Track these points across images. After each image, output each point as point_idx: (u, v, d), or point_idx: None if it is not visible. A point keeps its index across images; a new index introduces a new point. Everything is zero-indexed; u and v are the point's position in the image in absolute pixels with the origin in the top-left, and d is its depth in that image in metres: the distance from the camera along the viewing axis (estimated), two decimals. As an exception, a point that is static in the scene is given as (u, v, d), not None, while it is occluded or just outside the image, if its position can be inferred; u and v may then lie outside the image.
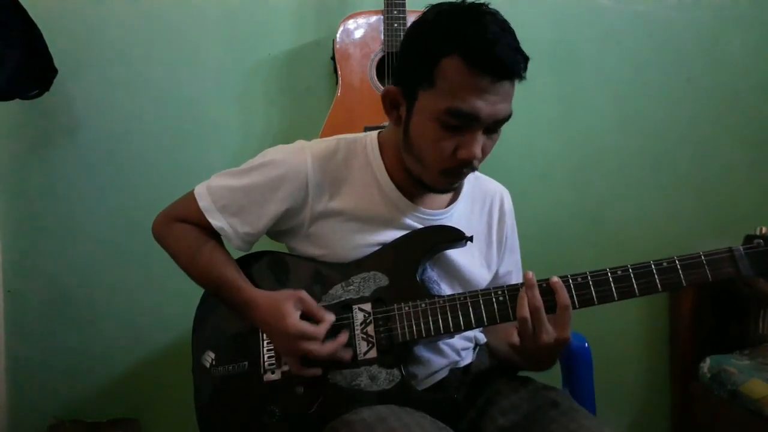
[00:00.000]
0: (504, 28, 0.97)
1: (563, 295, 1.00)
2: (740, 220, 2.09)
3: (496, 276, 1.25)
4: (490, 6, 1.00)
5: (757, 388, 1.66)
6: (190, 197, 1.14)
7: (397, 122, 1.06)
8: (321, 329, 1.03)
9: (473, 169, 1.03)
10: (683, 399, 2.02)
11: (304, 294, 1.06)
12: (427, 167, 1.04)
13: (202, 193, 1.13)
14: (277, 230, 1.15)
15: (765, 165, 2.15)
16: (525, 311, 0.99)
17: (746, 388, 1.68)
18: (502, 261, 1.25)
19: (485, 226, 1.22)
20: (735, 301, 1.99)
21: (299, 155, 1.10)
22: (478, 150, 0.99)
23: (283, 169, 1.09)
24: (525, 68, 0.98)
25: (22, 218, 1.89)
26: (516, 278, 1.29)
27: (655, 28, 2.07)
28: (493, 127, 1.00)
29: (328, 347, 1.03)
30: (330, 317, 1.05)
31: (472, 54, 0.94)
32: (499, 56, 0.94)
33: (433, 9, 1.02)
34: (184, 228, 1.16)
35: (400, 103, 1.05)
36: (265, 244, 1.19)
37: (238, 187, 1.11)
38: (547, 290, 1.01)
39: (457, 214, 1.17)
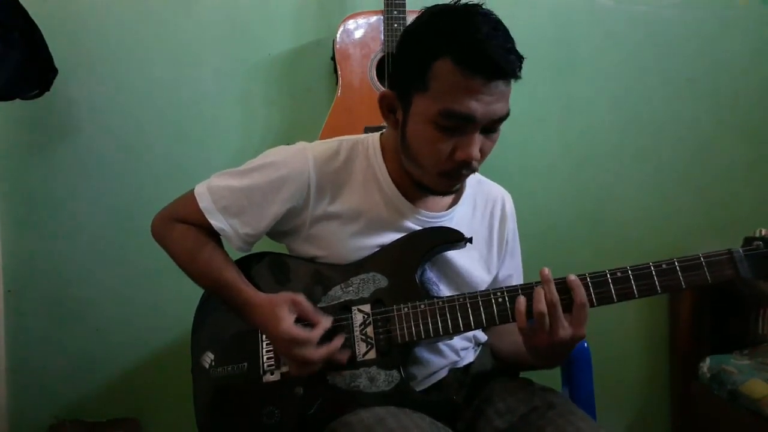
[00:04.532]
0: (496, 28, 0.96)
1: (580, 293, 0.99)
2: (740, 220, 2.10)
3: (495, 280, 1.25)
4: (483, 6, 0.99)
5: (757, 388, 1.66)
6: (190, 197, 1.14)
7: (395, 126, 1.06)
8: (314, 334, 1.02)
9: (472, 170, 1.03)
10: (683, 399, 2.02)
11: (300, 297, 1.06)
12: (426, 170, 1.04)
13: (202, 193, 1.13)
14: (277, 231, 1.15)
15: (765, 165, 2.15)
16: (542, 306, 0.98)
17: (746, 388, 1.68)
18: (502, 264, 1.25)
19: (486, 230, 1.22)
20: (734, 300, 1.99)
21: (301, 156, 1.10)
22: (475, 151, 0.99)
23: (285, 170, 1.09)
24: (519, 67, 0.98)
25: (22, 218, 1.89)
26: (516, 282, 1.28)
27: (655, 28, 2.07)
28: (490, 127, 1.00)
29: (322, 351, 1.02)
30: (326, 321, 1.05)
31: (462, 55, 0.94)
32: (490, 56, 0.94)
33: (427, 11, 1.02)
34: (183, 228, 1.15)
35: (396, 108, 1.05)
36: (265, 245, 1.19)
37: (240, 187, 1.11)
38: (562, 289, 1.00)
39: (458, 217, 1.17)
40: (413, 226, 1.12)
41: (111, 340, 1.93)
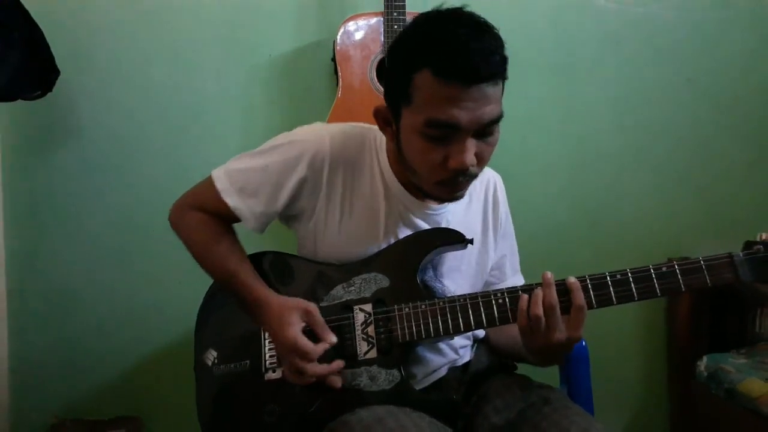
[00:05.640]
0: (477, 30, 0.95)
1: (579, 296, 1.00)
2: (740, 220, 2.10)
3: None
4: (465, 9, 0.98)
5: (755, 386, 1.67)
6: (208, 181, 1.15)
7: (392, 138, 1.07)
8: (318, 349, 1.03)
9: (470, 176, 1.02)
10: (681, 397, 2.03)
11: (313, 308, 1.06)
12: (423, 179, 1.04)
13: (219, 176, 1.14)
14: (289, 215, 1.15)
15: (765, 165, 2.15)
16: (539, 309, 0.99)
17: (743, 386, 1.69)
18: (497, 246, 1.26)
19: (481, 214, 1.23)
20: (733, 300, 1.99)
21: (318, 136, 1.11)
22: (468, 157, 0.97)
23: (302, 148, 1.10)
24: (503, 68, 0.96)
25: (24, 218, 1.89)
26: (510, 262, 1.29)
27: (655, 29, 2.08)
28: (482, 131, 0.98)
29: (318, 370, 1.03)
30: (331, 339, 1.05)
31: (438, 65, 0.93)
32: (465, 61, 0.92)
33: (412, 23, 1.01)
34: (200, 217, 1.16)
35: (391, 120, 1.05)
36: (267, 244, 1.20)
37: (255, 167, 1.12)
38: (561, 291, 1.01)
39: (454, 206, 1.17)
40: (417, 221, 1.13)
41: (112, 338, 1.93)
